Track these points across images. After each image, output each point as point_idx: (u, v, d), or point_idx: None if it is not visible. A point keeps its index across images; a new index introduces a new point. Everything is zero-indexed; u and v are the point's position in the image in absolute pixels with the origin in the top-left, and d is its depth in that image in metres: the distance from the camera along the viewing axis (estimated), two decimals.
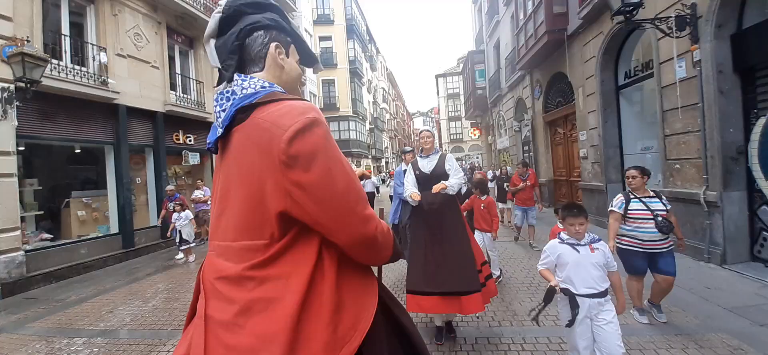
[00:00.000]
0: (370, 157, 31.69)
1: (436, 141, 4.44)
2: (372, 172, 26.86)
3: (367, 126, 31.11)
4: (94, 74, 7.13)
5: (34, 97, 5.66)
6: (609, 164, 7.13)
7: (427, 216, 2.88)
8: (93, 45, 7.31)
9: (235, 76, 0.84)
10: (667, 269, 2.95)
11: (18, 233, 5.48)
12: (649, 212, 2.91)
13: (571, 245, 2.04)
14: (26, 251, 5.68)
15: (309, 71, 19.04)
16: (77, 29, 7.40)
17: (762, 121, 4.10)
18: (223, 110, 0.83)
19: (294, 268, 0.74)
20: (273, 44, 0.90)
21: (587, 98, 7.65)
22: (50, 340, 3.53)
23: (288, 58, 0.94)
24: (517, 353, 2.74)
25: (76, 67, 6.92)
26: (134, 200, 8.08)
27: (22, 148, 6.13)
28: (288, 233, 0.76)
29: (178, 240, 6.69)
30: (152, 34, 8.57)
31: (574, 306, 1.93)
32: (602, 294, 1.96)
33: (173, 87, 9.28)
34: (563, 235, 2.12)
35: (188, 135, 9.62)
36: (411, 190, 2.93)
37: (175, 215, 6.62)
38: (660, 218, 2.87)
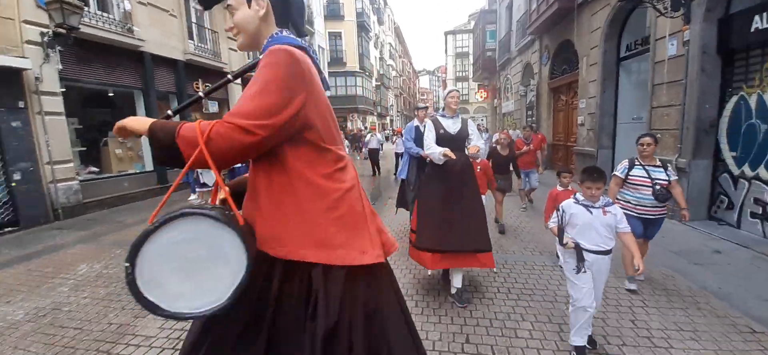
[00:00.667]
0: (375, 114, 31.86)
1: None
2: (377, 129, 27.22)
3: (374, 83, 30.91)
4: (120, 21, 7.49)
5: (72, 43, 6.14)
6: (602, 132, 7.69)
7: (448, 175, 2.88)
8: None
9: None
10: (650, 235, 3.16)
11: (71, 164, 6.23)
12: (649, 180, 2.98)
13: (586, 206, 2.16)
14: (79, 181, 6.47)
15: (318, 23, 18.82)
16: None
17: (734, 99, 4.64)
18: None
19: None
20: None
21: (590, 68, 8.02)
22: (124, 248, 4.38)
23: None
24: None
25: (103, 13, 7.27)
26: None
27: (64, 90, 6.69)
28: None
29: (200, 181, 6.76)
30: None
31: (581, 259, 2.11)
32: (606, 252, 2.14)
33: (191, 36, 9.58)
34: (579, 196, 2.23)
35: (207, 84, 10.07)
36: (438, 148, 2.84)
37: None
38: (658, 187, 2.94)
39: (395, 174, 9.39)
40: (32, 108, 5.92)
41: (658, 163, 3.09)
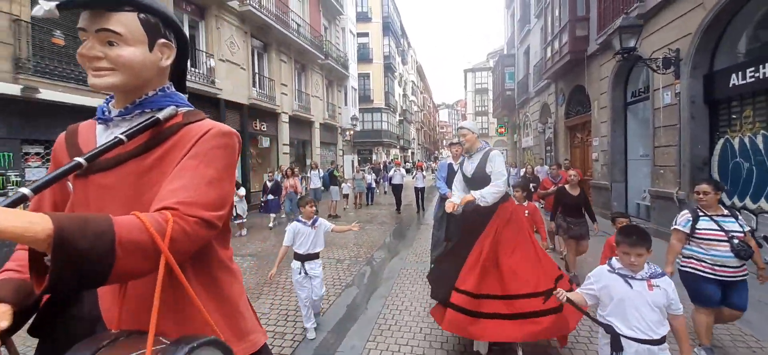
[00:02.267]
0: (397, 147, 33.47)
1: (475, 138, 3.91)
2: (401, 163, 28.57)
3: (397, 118, 32.79)
4: (206, 75, 9.29)
5: None
6: (615, 167, 8.56)
7: (470, 227, 2.60)
8: (203, 52, 9.47)
9: None
10: (740, 302, 2.53)
11: None
12: (722, 233, 2.46)
13: (624, 276, 1.68)
14: None
15: (352, 68, 20.88)
16: (191, 39, 9.57)
17: (721, 141, 5.54)
18: None
19: None
20: None
21: (601, 110, 9.03)
22: None
23: None
24: None
25: (193, 68, 9.10)
26: None
27: None
28: None
29: (233, 214, 7.22)
30: (241, 42, 10.68)
31: (617, 348, 1.63)
32: (657, 342, 1.60)
33: (254, 84, 11.41)
34: (615, 261, 1.76)
35: (263, 123, 11.77)
36: (454, 194, 2.71)
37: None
38: (736, 241, 2.41)
39: (418, 211, 10.10)
40: None
41: (726, 212, 2.58)
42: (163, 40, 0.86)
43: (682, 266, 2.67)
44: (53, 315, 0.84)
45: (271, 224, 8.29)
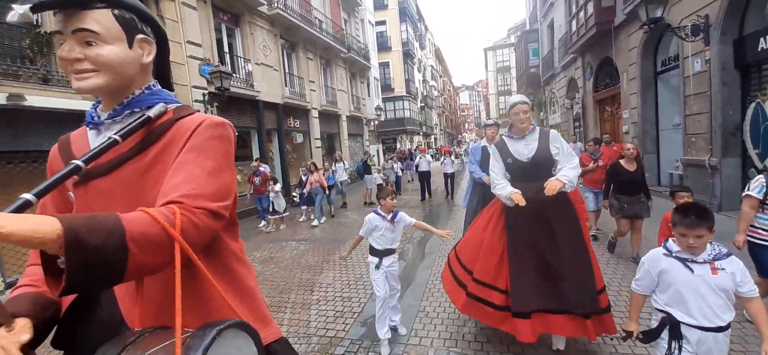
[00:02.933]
0: (420, 134, 33.64)
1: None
2: (426, 150, 28.78)
3: (418, 104, 32.87)
4: (245, 79, 10.07)
5: (215, 99, 8.65)
6: (646, 138, 8.58)
7: (530, 218, 2.28)
8: (241, 58, 10.23)
9: None
10: None
11: None
12: None
13: (683, 260, 1.54)
14: None
15: (373, 58, 21.28)
16: (229, 46, 10.35)
17: (752, 105, 5.58)
18: None
19: None
20: None
21: (630, 82, 9.00)
22: None
23: None
24: None
25: (234, 74, 9.88)
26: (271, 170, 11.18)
27: None
28: None
29: (270, 209, 7.57)
30: (272, 44, 11.37)
31: (676, 336, 1.52)
32: (722, 329, 1.49)
33: (286, 84, 12.13)
34: (671, 244, 1.61)
35: (296, 120, 12.52)
36: (506, 187, 2.31)
37: (270, 186, 7.57)
38: None
39: (447, 196, 10.27)
40: None
41: None
42: (141, 36, 0.85)
43: (750, 236, 2.50)
44: (75, 323, 0.85)
45: (302, 218, 8.58)
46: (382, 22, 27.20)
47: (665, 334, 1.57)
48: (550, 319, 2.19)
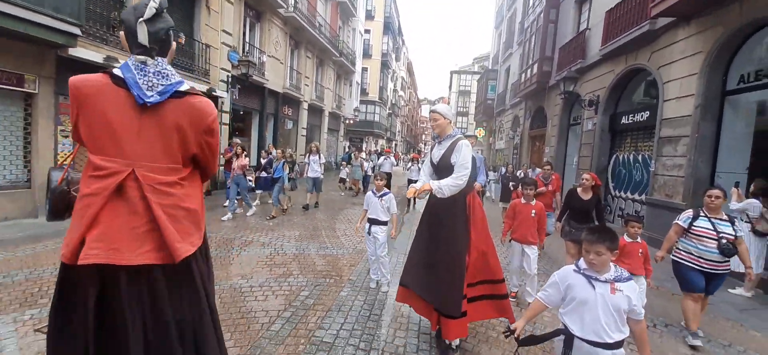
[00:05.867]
0: (385, 138, 36.27)
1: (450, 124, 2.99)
2: (391, 151, 31.32)
3: (387, 111, 35.44)
4: (258, 68, 11.72)
5: (237, 81, 10.30)
6: (556, 169, 11.96)
7: (428, 212, 2.62)
8: (257, 48, 11.86)
9: (159, 59, 1.31)
10: (711, 290, 3.00)
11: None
12: (713, 232, 2.89)
13: (588, 276, 1.62)
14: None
15: (358, 64, 23.44)
16: (250, 38, 11.91)
17: (614, 156, 8.93)
18: (161, 82, 1.28)
19: (195, 183, 1.43)
20: (174, 43, 1.40)
21: (553, 127, 12.39)
22: None
23: None
24: None
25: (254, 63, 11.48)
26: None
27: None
28: (190, 165, 1.40)
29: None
30: (282, 41, 13.10)
31: (568, 347, 1.61)
32: (611, 346, 1.56)
33: (287, 75, 13.86)
34: (581, 262, 1.69)
35: (290, 109, 14.27)
36: (420, 180, 2.60)
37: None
38: (724, 241, 2.84)
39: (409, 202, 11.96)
40: (220, 120, 9.97)
41: (725, 217, 2.98)
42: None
43: (674, 256, 3.10)
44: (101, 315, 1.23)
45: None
46: (368, 31, 29.21)
47: (560, 344, 1.68)
48: (418, 303, 2.63)
